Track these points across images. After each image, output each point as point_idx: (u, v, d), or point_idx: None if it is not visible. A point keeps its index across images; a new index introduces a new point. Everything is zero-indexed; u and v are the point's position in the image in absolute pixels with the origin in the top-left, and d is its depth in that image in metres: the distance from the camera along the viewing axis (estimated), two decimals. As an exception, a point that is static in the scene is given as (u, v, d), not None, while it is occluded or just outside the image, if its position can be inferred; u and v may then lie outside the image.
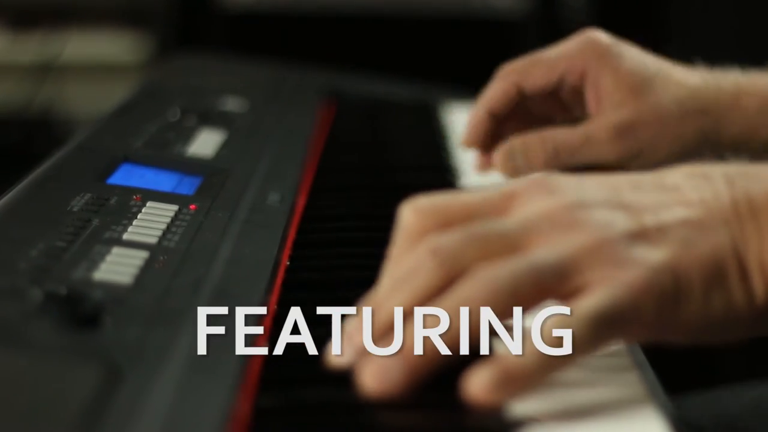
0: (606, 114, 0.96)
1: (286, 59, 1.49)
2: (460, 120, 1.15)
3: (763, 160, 0.66)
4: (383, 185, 1.02)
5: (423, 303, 0.60)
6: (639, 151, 0.96)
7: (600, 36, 0.98)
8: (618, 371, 0.64)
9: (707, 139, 0.96)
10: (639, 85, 0.96)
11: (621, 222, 0.60)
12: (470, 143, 1.01)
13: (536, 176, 0.64)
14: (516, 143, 0.98)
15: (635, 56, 0.98)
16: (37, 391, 0.57)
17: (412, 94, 1.36)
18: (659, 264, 0.59)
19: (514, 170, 0.98)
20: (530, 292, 0.59)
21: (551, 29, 2.23)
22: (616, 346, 0.66)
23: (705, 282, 0.59)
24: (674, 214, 0.61)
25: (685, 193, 0.62)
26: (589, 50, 0.97)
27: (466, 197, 0.64)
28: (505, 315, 0.59)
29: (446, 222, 0.62)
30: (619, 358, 0.65)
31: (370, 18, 2.26)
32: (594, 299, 0.58)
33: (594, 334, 0.58)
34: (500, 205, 0.63)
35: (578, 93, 0.99)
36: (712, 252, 0.60)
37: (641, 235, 0.60)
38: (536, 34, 2.24)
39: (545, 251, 0.60)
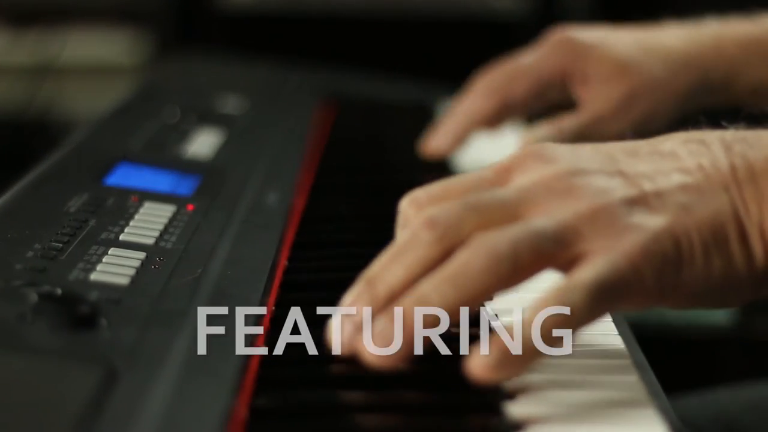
0: (602, 94, 0.99)
1: (285, 60, 1.49)
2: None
3: (751, 104, 0.66)
4: (383, 185, 1.01)
5: (421, 275, 0.59)
6: (644, 118, 0.98)
7: (570, 33, 1.01)
8: (617, 372, 0.64)
9: (700, 89, 0.99)
10: (623, 63, 0.99)
11: (619, 188, 0.60)
12: (445, 152, 1.02)
13: (530, 147, 0.63)
14: (530, 138, 1.00)
15: (610, 38, 1.00)
16: (33, 393, 0.57)
17: (411, 94, 1.36)
18: (659, 229, 0.59)
19: None
20: (530, 258, 0.58)
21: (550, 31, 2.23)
22: (616, 347, 0.66)
23: (705, 245, 0.59)
24: (672, 179, 0.61)
25: (683, 159, 0.62)
26: (564, 50, 1.00)
27: (461, 177, 0.64)
28: (505, 283, 0.58)
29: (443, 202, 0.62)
30: (618, 359, 0.65)
31: (370, 19, 2.26)
32: (594, 268, 0.57)
33: (595, 302, 0.57)
34: (496, 179, 0.63)
35: (562, 90, 1.01)
36: (711, 216, 0.60)
37: (639, 201, 0.60)
38: (536, 36, 2.24)
39: (544, 218, 0.59)
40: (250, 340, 0.64)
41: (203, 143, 1.03)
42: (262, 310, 0.69)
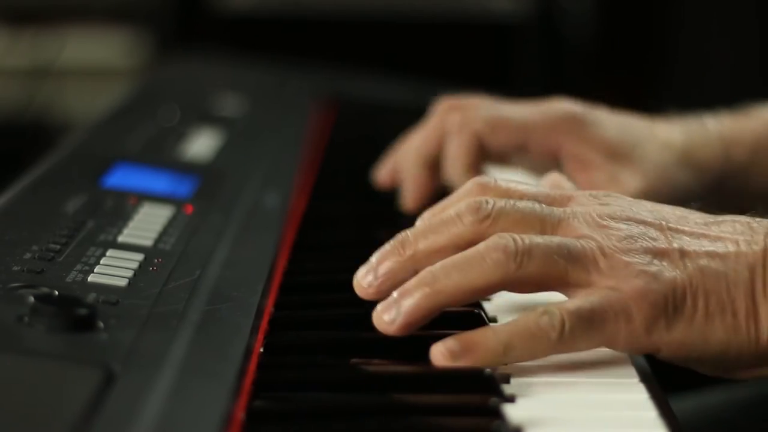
0: (618, 182, 0.93)
1: (284, 61, 1.49)
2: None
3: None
4: (384, 186, 1.01)
5: (449, 250, 0.64)
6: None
7: (573, 108, 0.94)
8: (617, 374, 0.64)
9: (712, 194, 0.95)
10: (624, 152, 0.93)
11: (651, 238, 0.64)
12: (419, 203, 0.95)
13: (599, 191, 0.68)
14: None
15: (613, 123, 0.94)
16: (31, 395, 0.56)
17: (411, 96, 1.36)
18: (667, 279, 0.62)
19: None
20: (539, 266, 0.62)
21: (550, 34, 2.23)
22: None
23: (709, 311, 0.62)
24: (703, 245, 0.64)
25: (723, 233, 0.65)
26: (564, 125, 0.93)
27: (529, 186, 0.69)
28: (509, 283, 0.63)
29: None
30: (618, 361, 0.65)
31: (370, 21, 2.26)
32: (583, 300, 0.62)
33: (571, 331, 0.61)
34: (555, 199, 0.67)
35: (549, 155, 0.94)
36: (725, 286, 0.63)
37: (664, 254, 0.63)
38: (535, 39, 2.24)
39: (568, 239, 0.63)
40: (248, 342, 0.64)
41: (202, 144, 1.03)
42: (260, 312, 0.69)
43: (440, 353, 0.62)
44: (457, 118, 0.94)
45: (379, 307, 0.64)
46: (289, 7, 2.25)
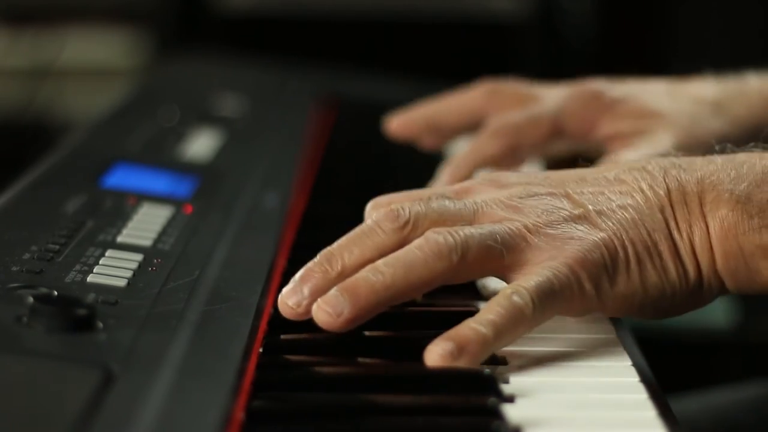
0: (651, 141, 0.94)
1: (284, 61, 1.49)
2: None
3: None
4: (382, 187, 1.01)
5: (375, 259, 0.65)
6: None
7: (600, 88, 0.97)
8: (617, 374, 0.64)
9: (734, 129, 0.96)
10: (654, 112, 0.95)
11: (565, 207, 0.67)
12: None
13: (488, 174, 0.71)
14: None
15: (640, 91, 0.97)
16: (30, 395, 0.56)
17: (411, 95, 1.35)
18: (597, 240, 0.65)
19: None
20: (478, 255, 0.64)
21: (550, 34, 2.23)
22: (616, 350, 0.66)
23: (639, 258, 0.66)
24: (613, 201, 0.67)
25: (625, 184, 0.68)
26: (595, 106, 0.96)
27: (423, 189, 0.72)
28: (452, 274, 0.64)
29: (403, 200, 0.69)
30: (618, 361, 0.65)
31: (370, 21, 2.26)
32: (538, 275, 0.64)
33: (539, 305, 0.63)
34: (457, 192, 0.70)
35: (585, 137, 0.97)
36: (646, 233, 0.66)
37: (583, 218, 0.66)
38: (536, 39, 2.24)
39: (496, 225, 0.66)
40: (248, 342, 0.64)
41: (202, 144, 1.03)
42: (259, 313, 0.69)
43: (438, 355, 0.62)
44: (500, 115, 0.98)
45: (321, 301, 0.64)
46: (289, 7, 2.25)
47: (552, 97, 0.98)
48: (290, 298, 0.65)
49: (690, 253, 0.66)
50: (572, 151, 0.98)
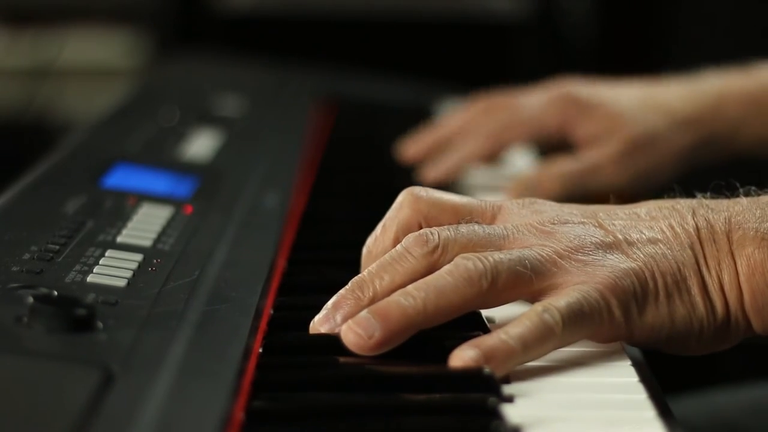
0: (603, 148, 1.03)
1: (284, 62, 1.49)
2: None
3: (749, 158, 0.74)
4: (382, 187, 1.01)
5: (406, 284, 0.65)
6: (644, 173, 1.03)
7: (576, 90, 1.05)
8: (616, 373, 0.64)
9: (700, 147, 1.04)
10: (625, 119, 1.03)
11: (596, 235, 0.67)
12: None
13: (524, 198, 0.71)
14: (530, 176, 1.03)
15: (613, 95, 1.05)
16: (30, 395, 0.56)
17: (410, 96, 1.36)
18: (628, 269, 0.66)
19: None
20: (508, 281, 0.64)
21: (550, 34, 2.23)
22: (615, 349, 0.66)
23: (668, 292, 0.66)
24: (644, 233, 0.68)
25: (655, 220, 0.69)
26: (569, 107, 1.04)
27: (459, 198, 0.71)
28: (483, 300, 0.65)
29: (438, 216, 0.70)
30: (617, 361, 0.65)
31: (369, 21, 2.26)
32: (568, 296, 0.64)
33: (567, 326, 0.63)
34: (488, 213, 0.70)
35: (560, 139, 1.05)
36: (676, 266, 0.66)
37: (614, 246, 0.67)
38: (535, 39, 2.24)
39: (526, 250, 0.66)
40: (248, 343, 0.64)
41: (202, 145, 1.03)
42: (259, 313, 0.69)
43: (464, 361, 0.62)
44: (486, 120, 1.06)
45: (352, 322, 0.64)
46: (289, 7, 2.25)
47: (533, 102, 1.06)
48: (323, 325, 0.65)
49: (718, 290, 0.66)
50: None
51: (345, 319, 0.65)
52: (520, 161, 1.13)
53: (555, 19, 2.23)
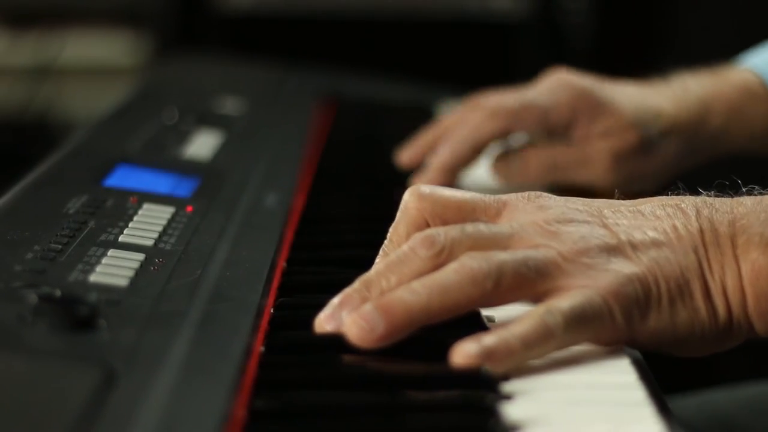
0: (600, 142, 1.02)
1: (284, 61, 1.49)
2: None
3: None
4: (382, 186, 1.01)
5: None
6: (630, 177, 1.02)
7: (584, 86, 1.02)
8: (616, 372, 0.64)
9: (685, 152, 1.04)
10: (626, 121, 1.02)
11: (600, 236, 0.67)
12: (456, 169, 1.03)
13: (529, 192, 0.70)
14: (515, 150, 1.02)
15: (617, 95, 1.03)
16: (32, 394, 0.57)
17: (410, 95, 1.36)
18: (631, 274, 0.65)
19: (506, 173, 1.03)
20: (511, 281, 0.65)
21: (550, 33, 2.23)
22: (614, 348, 0.66)
23: (671, 296, 0.66)
24: (648, 235, 0.67)
25: (659, 220, 0.68)
26: (581, 102, 1.01)
27: (463, 195, 0.71)
28: (486, 299, 0.65)
29: (442, 213, 0.69)
30: (617, 360, 0.65)
31: (369, 20, 2.26)
32: (571, 298, 0.64)
33: (569, 328, 0.63)
34: (493, 209, 0.70)
35: (564, 131, 1.02)
36: (679, 271, 0.66)
37: (617, 250, 0.66)
38: (535, 38, 2.24)
39: (530, 251, 0.66)
40: (249, 342, 0.64)
41: (202, 144, 1.03)
42: (260, 312, 0.69)
43: (464, 356, 0.62)
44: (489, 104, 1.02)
45: (356, 315, 0.64)
46: (289, 7, 2.25)
47: (541, 88, 1.03)
48: (329, 323, 0.65)
49: (721, 294, 0.66)
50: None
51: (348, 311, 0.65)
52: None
53: (555, 18, 2.23)
